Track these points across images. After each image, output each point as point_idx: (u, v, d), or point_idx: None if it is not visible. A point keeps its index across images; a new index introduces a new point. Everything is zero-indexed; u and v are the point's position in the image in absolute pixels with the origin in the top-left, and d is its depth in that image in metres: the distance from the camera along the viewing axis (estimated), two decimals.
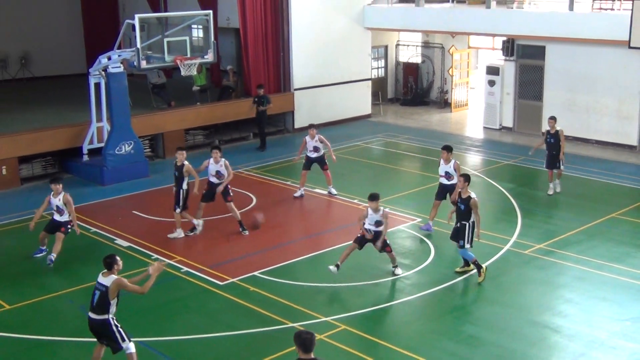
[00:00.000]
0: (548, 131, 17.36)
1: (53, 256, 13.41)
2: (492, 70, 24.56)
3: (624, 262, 13.48)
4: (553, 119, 17.37)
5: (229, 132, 23.33)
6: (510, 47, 23.65)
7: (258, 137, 22.74)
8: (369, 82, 26.85)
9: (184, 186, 14.72)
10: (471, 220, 12.76)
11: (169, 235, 15.05)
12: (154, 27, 19.36)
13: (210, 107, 22.82)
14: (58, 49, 29.83)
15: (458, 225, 12.92)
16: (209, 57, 19.70)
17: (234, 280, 12.93)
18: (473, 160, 21.16)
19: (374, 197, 12.74)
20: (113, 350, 9.55)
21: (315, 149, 17.44)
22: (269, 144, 22.53)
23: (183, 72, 19.16)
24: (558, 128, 17.22)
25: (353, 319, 11.50)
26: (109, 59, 18.85)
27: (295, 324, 11.25)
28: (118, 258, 9.53)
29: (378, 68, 28.95)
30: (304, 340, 7.20)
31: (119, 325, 9.42)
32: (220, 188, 15.01)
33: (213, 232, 15.47)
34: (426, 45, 28.75)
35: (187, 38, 19.36)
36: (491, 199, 17.68)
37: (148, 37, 18.71)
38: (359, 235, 12.99)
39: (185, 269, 13.50)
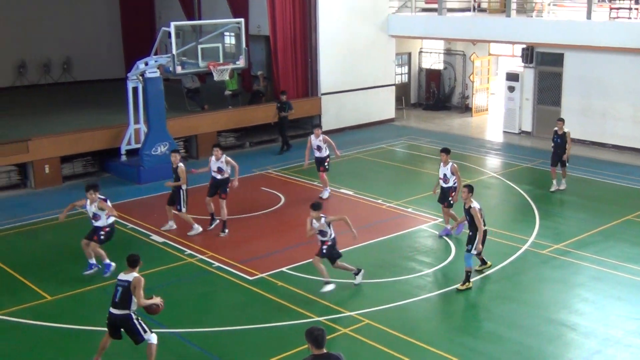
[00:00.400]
0: (555, 131, 17.45)
1: (109, 265, 13.06)
2: (512, 77, 24.39)
3: (639, 263, 13.31)
4: (561, 120, 17.57)
5: (258, 134, 23.38)
6: (529, 54, 23.47)
7: (280, 141, 22.69)
8: (393, 88, 26.78)
9: (184, 187, 14.79)
10: (483, 228, 12.33)
11: (188, 234, 15.08)
12: (188, 34, 19.46)
13: (241, 111, 22.90)
14: (98, 54, 30.11)
15: (470, 233, 12.50)
16: (241, 63, 19.76)
17: (263, 275, 12.96)
18: (493, 163, 21.04)
19: (315, 207, 12.07)
20: (136, 342, 9.61)
21: (319, 148, 17.30)
22: (296, 145, 22.54)
23: (216, 77, 19.23)
24: (566, 130, 17.31)
25: (376, 314, 11.48)
26: (146, 64, 18.99)
27: (320, 318, 11.26)
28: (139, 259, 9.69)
29: (401, 74, 28.86)
30: (317, 337, 7.06)
31: (139, 318, 9.53)
32: (235, 183, 15.20)
33: (243, 229, 15.53)
34: (448, 52, 28.62)
35: (220, 45, 19.44)
36: (510, 200, 17.57)
37: (183, 44, 18.81)
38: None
39: (217, 264, 13.56)
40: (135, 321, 9.48)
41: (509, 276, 12.89)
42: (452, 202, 14.59)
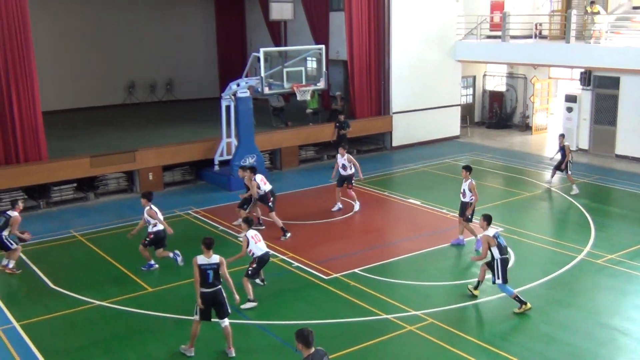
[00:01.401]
0: (559, 144, 18.59)
1: (178, 256, 13.54)
2: (570, 98, 23.73)
3: None
4: (562, 136, 18.92)
5: (335, 148, 23.36)
6: (587, 77, 22.80)
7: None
8: (459, 107, 26.41)
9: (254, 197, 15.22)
10: (498, 257, 11.31)
11: (233, 223, 15.67)
12: (275, 59, 19.65)
13: (321, 127, 22.98)
14: (196, 76, 30.76)
15: (489, 262, 11.56)
16: (321, 84, 19.83)
17: (337, 275, 12.94)
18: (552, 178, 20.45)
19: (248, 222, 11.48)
20: (222, 315, 9.93)
21: (344, 167, 16.85)
22: (369, 159, 22.47)
23: (299, 97, 19.34)
24: (566, 143, 18.48)
25: (440, 314, 11.31)
26: (238, 85, 19.27)
27: (388, 316, 11.17)
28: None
29: (466, 95, 28.43)
30: (307, 337, 7.03)
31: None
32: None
33: (320, 233, 15.57)
34: (510, 75, 28.05)
35: (302, 68, 19.56)
36: (567, 213, 17.05)
37: (270, 67, 19.00)
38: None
39: (296, 264, 13.62)
40: (223, 294, 9.93)
41: (565, 283, 12.50)
42: (469, 216, 14.18)
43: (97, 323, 11.30)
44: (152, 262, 13.54)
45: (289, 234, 15.15)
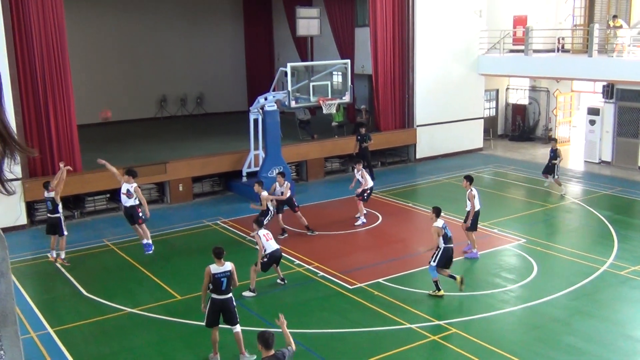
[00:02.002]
0: (551, 148, 19.32)
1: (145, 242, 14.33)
2: (593, 111, 23.43)
3: None
4: (554, 140, 19.99)
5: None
6: (610, 90, 22.51)
7: (365, 169, 21.87)
8: (482, 120, 26.23)
9: (271, 209, 15.29)
10: (442, 246, 12.16)
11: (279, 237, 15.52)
12: (302, 73, 19.73)
13: (346, 140, 22.96)
14: (225, 90, 30.97)
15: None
16: (346, 98, 19.85)
17: (362, 285, 12.87)
18: (574, 190, 20.18)
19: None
20: (231, 322, 9.96)
21: (358, 182, 17.12)
22: (394, 171, 22.40)
23: (324, 110, 19.37)
24: (557, 147, 19.26)
25: (463, 324, 11.18)
26: (266, 99, 19.35)
27: (412, 325, 11.07)
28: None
29: (489, 108, 28.23)
30: (267, 339, 7.25)
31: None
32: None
33: (345, 243, 15.53)
34: (533, 88, 27.80)
35: (328, 82, 19.61)
36: (590, 224, 16.79)
37: (297, 82, 19.08)
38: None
39: (321, 273, 13.58)
40: (234, 303, 10.01)
41: (588, 294, 12.28)
42: (469, 225, 14.22)
43: (128, 330, 11.37)
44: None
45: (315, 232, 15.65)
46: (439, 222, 12.29)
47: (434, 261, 12.16)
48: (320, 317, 11.67)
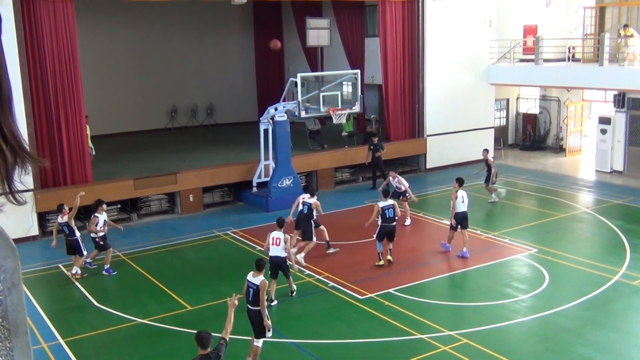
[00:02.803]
0: (484, 158, 19.93)
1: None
2: (604, 120, 23.34)
3: None
4: (486, 151, 20.17)
5: (370, 170, 23.36)
6: (621, 99, 22.43)
7: (377, 178, 21.72)
8: (492, 130, 26.18)
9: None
10: (380, 223, 14.26)
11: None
12: (312, 83, 19.79)
13: (356, 150, 22.99)
14: (236, 101, 31.07)
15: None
16: (356, 108, 19.89)
17: (372, 295, 12.85)
18: (585, 199, 20.09)
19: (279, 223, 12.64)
20: (257, 335, 9.98)
21: (397, 188, 17.70)
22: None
23: (335, 120, 19.43)
24: (490, 158, 19.83)
25: (474, 334, 11.13)
26: (276, 109, 19.40)
27: (423, 336, 11.03)
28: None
29: (500, 117, 28.18)
30: (202, 338, 7.60)
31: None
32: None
33: (356, 254, 15.50)
34: (544, 98, 27.74)
35: (338, 92, 19.66)
36: (602, 234, 16.69)
37: (307, 92, 19.14)
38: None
39: (332, 283, 13.56)
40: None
41: (600, 304, 12.19)
42: (453, 225, 15.05)
43: (139, 340, 11.40)
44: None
45: (332, 250, 15.53)
46: (382, 204, 14.26)
47: (376, 236, 14.25)
48: (331, 328, 11.65)
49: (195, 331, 11.29)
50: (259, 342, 9.97)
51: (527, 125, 28.32)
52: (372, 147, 21.38)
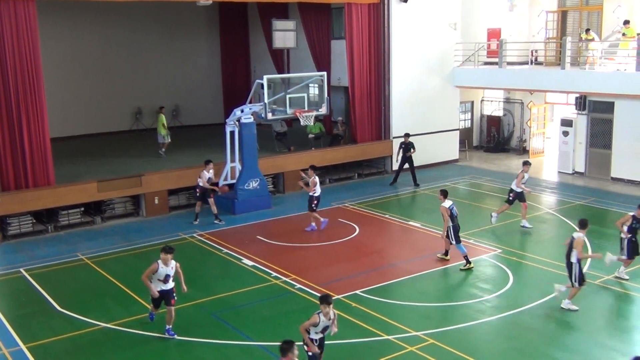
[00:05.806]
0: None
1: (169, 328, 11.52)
2: (566, 123, 23.76)
3: None
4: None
5: (337, 172, 23.44)
6: (582, 102, 22.85)
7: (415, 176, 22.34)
8: (457, 132, 26.45)
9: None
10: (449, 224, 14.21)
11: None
12: (278, 85, 19.75)
13: (322, 152, 23.02)
14: (202, 103, 30.84)
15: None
16: (323, 110, 19.90)
17: (339, 297, 12.84)
18: (548, 200, 20.40)
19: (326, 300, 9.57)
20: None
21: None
22: (370, 183, 22.48)
23: (302, 122, 19.42)
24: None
25: (440, 334, 11.21)
26: (242, 111, 19.32)
27: (390, 337, 11.07)
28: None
29: (465, 120, 28.49)
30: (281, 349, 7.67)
31: None
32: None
33: (322, 256, 15.50)
34: (507, 100, 28.13)
35: (305, 94, 19.65)
36: (564, 234, 16.90)
37: (274, 94, 19.08)
38: None
39: (299, 285, 13.54)
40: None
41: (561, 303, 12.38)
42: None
43: (103, 345, 11.22)
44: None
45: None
46: (447, 203, 14.27)
47: (454, 240, 14.17)
48: (298, 329, 11.59)
49: (159, 335, 11.19)
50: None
51: (492, 127, 28.70)
52: (403, 145, 21.95)
